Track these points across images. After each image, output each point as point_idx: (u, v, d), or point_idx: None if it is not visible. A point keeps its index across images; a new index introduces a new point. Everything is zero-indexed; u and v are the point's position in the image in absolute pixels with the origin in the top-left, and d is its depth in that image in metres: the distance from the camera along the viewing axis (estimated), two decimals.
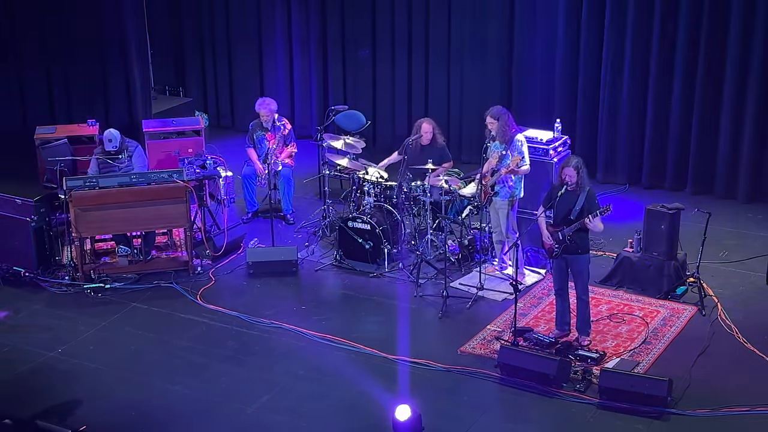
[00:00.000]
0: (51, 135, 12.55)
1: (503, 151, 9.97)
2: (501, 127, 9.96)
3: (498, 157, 10.01)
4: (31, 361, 9.09)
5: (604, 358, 8.84)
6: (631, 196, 12.44)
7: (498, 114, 9.97)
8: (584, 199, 8.79)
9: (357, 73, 14.29)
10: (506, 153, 9.94)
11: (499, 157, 9.99)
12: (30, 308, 10.07)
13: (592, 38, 12.54)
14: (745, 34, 11.72)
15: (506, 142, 9.95)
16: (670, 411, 8.08)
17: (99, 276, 10.50)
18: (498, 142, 10.02)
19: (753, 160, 12.06)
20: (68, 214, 10.25)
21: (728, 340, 9.17)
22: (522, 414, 8.27)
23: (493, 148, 10.07)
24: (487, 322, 9.57)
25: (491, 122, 9.97)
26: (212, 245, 10.91)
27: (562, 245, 8.83)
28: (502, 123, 9.95)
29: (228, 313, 9.87)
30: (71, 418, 8.13)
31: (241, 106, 15.05)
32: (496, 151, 10.05)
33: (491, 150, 10.09)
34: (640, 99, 12.50)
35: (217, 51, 15.21)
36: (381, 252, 10.64)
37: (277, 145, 11.71)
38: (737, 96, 11.95)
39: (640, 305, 9.82)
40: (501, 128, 9.96)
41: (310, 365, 8.94)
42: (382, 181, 10.94)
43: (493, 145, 10.06)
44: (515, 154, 9.90)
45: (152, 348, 9.33)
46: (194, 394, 8.56)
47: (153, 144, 12.59)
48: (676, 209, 9.97)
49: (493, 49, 13.22)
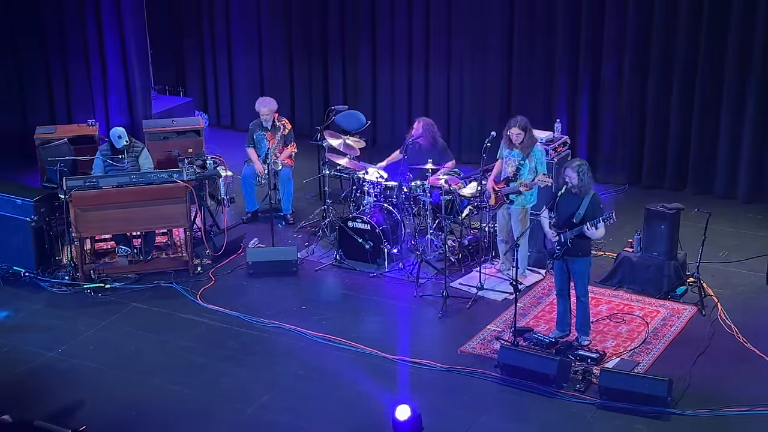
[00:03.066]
0: (51, 135, 12.55)
1: (520, 161, 9.88)
2: (529, 138, 9.81)
3: (515, 166, 9.89)
4: (31, 361, 9.09)
5: (604, 358, 8.84)
6: (631, 196, 12.45)
7: (526, 125, 9.82)
8: (588, 204, 8.76)
9: (357, 73, 14.30)
10: (525, 162, 9.85)
11: (517, 167, 9.88)
12: (30, 308, 10.07)
13: (592, 38, 12.54)
14: (745, 34, 11.72)
15: (527, 153, 9.87)
16: (670, 411, 8.08)
17: (99, 276, 10.50)
18: (517, 151, 9.90)
19: (753, 160, 12.07)
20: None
21: (728, 340, 9.17)
22: (522, 414, 8.27)
23: (508, 156, 9.94)
24: (487, 322, 9.57)
25: (519, 133, 9.77)
26: (212, 245, 10.91)
27: (564, 247, 8.83)
28: (529, 135, 9.83)
29: (228, 313, 9.87)
30: (71, 418, 8.12)
31: (241, 106, 15.06)
32: (513, 160, 9.90)
33: (507, 157, 9.95)
34: (640, 99, 12.50)
35: (217, 51, 15.22)
36: (381, 252, 10.64)
37: (277, 144, 11.72)
38: (737, 96, 11.96)
39: (640, 305, 9.81)
40: (528, 139, 9.80)
41: (310, 365, 8.94)
42: (382, 181, 10.95)
43: (509, 152, 9.95)
44: (534, 164, 9.80)
45: (152, 348, 9.33)
46: (194, 394, 8.56)
47: (153, 144, 12.58)
48: (676, 209, 9.97)
49: (493, 49, 13.22)
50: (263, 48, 14.86)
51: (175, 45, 15.63)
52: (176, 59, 15.67)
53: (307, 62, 14.62)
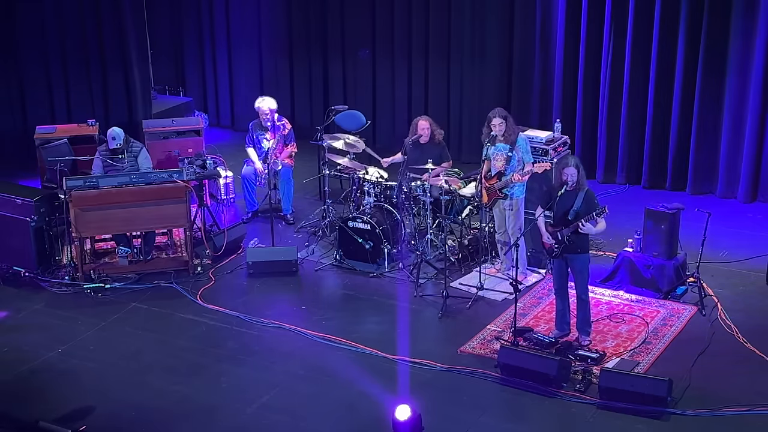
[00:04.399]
0: (51, 135, 12.55)
1: (508, 152, 9.90)
2: (509, 127, 9.84)
3: (504, 159, 9.91)
4: (31, 361, 9.09)
5: (604, 358, 8.84)
6: (631, 196, 12.45)
7: (505, 114, 9.86)
8: (582, 199, 8.78)
9: (357, 73, 14.30)
10: (512, 154, 9.88)
11: (506, 159, 9.92)
12: (30, 308, 10.07)
13: (592, 38, 12.54)
14: (746, 34, 11.72)
15: (512, 143, 9.88)
16: (670, 411, 8.08)
17: (99, 276, 10.50)
18: (501, 144, 9.94)
19: (753, 160, 12.07)
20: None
21: (728, 340, 9.16)
22: (522, 414, 8.27)
23: (495, 150, 9.97)
24: (487, 322, 9.57)
25: (500, 123, 9.80)
26: (212, 245, 10.91)
27: (562, 245, 8.83)
28: (510, 123, 9.86)
29: (228, 313, 9.87)
30: (71, 418, 8.12)
31: (241, 106, 15.06)
32: (500, 153, 9.94)
33: (494, 152, 9.99)
34: (640, 99, 12.50)
35: (217, 51, 15.23)
36: (381, 252, 10.64)
37: (277, 144, 11.72)
38: (737, 96, 11.96)
39: (640, 305, 9.81)
40: (509, 129, 9.83)
41: (310, 365, 8.93)
42: (382, 181, 10.95)
43: (495, 147, 9.97)
44: (521, 154, 9.84)
45: (152, 348, 9.32)
46: (194, 394, 8.56)
47: (153, 144, 12.59)
48: (676, 209, 9.97)
49: (493, 49, 13.22)
50: (263, 48, 14.87)
51: (175, 45, 15.63)
52: (176, 59, 15.67)
53: (307, 62, 14.62)
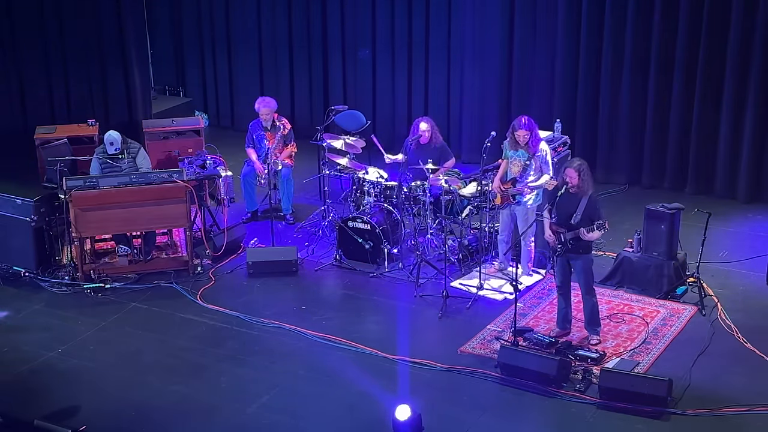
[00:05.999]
0: (51, 135, 12.56)
1: (527, 161, 9.87)
2: (534, 137, 9.82)
3: (521, 165, 9.88)
4: (31, 361, 9.08)
5: (604, 358, 8.84)
6: (631, 196, 12.45)
7: (532, 125, 9.80)
8: (585, 205, 8.77)
9: (357, 73, 14.30)
10: (530, 163, 9.85)
11: (523, 167, 9.88)
12: (30, 308, 10.07)
13: (591, 38, 12.54)
14: (746, 34, 11.72)
15: (532, 152, 9.86)
16: (670, 411, 8.08)
17: (99, 276, 10.50)
18: (522, 151, 9.87)
19: (753, 160, 12.07)
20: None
21: (728, 340, 9.16)
22: (522, 414, 8.27)
23: (513, 156, 9.93)
24: (487, 322, 9.57)
25: (525, 134, 9.75)
26: (212, 245, 10.91)
27: (564, 247, 8.83)
28: (535, 133, 9.84)
29: (228, 313, 9.87)
30: (71, 418, 8.12)
31: (241, 106, 15.07)
32: (518, 159, 9.89)
33: (512, 157, 9.94)
34: (640, 99, 12.50)
35: (217, 51, 15.23)
36: (381, 252, 10.64)
37: (277, 144, 11.72)
38: (737, 96, 11.96)
39: (640, 305, 9.81)
40: (534, 139, 9.81)
41: (310, 365, 8.93)
42: (382, 181, 10.94)
43: (514, 153, 9.91)
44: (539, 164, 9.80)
45: (152, 348, 9.32)
46: (194, 394, 8.56)
47: (153, 144, 12.59)
48: (676, 209, 9.97)
49: (493, 49, 13.22)
50: (263, 48, 14.86)
51: (175, 45, 15.63)
52: (176, 59, 15.67)
53: (307, 62, 14.62)
